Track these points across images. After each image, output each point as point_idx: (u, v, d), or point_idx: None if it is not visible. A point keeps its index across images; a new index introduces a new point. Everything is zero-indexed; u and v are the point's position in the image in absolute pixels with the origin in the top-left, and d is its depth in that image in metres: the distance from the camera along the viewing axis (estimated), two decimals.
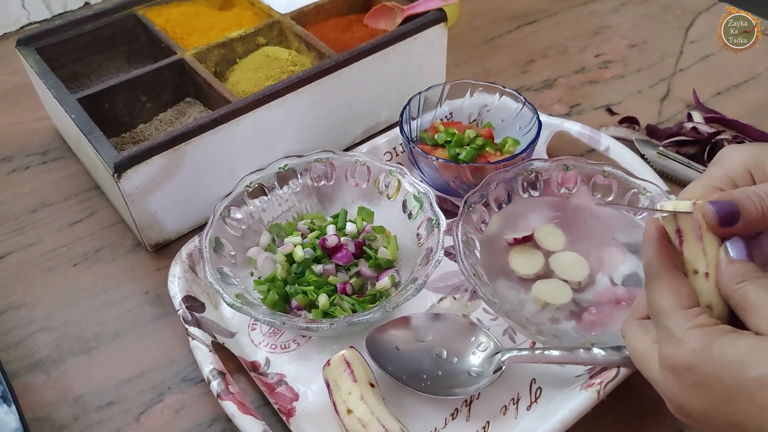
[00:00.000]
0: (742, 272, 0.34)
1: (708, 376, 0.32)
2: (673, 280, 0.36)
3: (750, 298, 0.33)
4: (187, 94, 0.68)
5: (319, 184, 0.59)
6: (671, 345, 0.34)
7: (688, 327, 0.34)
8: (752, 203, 0.34)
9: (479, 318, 0.53)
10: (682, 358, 0.33)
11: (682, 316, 0.34)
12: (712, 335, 0.33)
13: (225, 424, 0.48)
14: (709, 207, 0.35)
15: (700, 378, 0.33)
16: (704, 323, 0.34)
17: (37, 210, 0.65)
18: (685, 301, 0.35)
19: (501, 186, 0.56)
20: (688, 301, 0.35)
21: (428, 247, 0.53)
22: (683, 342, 0.33)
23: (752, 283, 0.33)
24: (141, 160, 0.54)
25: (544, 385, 0.49)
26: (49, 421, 0.49)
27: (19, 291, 0.58)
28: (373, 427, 0.43)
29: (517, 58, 0.83)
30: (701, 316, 0.34)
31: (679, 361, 0.34)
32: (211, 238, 0.53)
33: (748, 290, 0.33)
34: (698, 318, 0.34)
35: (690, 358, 0.33)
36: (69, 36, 0.68)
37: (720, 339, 0.32)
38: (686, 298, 0.35)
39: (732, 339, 0.32)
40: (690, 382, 0.33)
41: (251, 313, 0.48)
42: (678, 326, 0.34)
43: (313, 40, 0.67)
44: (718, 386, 0.32)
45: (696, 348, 0.33)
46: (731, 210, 0.34)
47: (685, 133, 0.69)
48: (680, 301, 0.35)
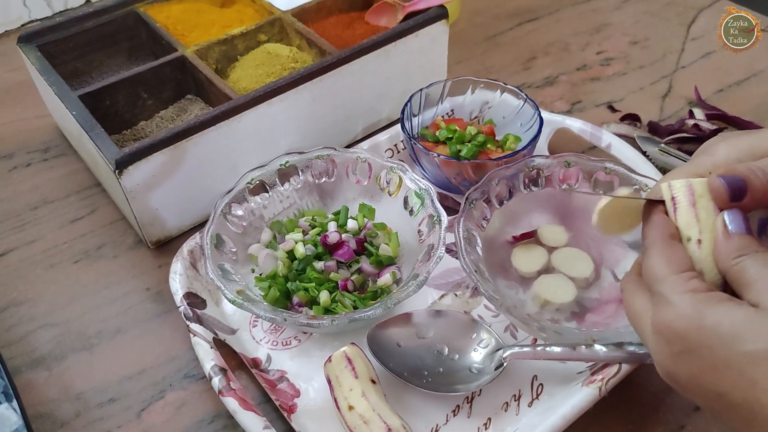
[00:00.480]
0: (739, 246, 0.34)
1: (698, 344, 0.32)
2: (667, 248, 0.35)
3: (747, 272, 0.33)
4: (188, 91, 0.68)
5: (320, 181, 0.59)
6: (663, 309, 0.34)
7: (681, 291, 0.33)
8: (757, 177, 0.34)
9: (481, 315, 0.53)
10: (673, 323, 0.33)
11: (675, 280, 0.34)
12: (704, 302, 0.32)
13: (226, 420, 0.48)
14: (720, 181, 0.35)
15: (690, 345, 0.32)
16: (697, 288, 0.33)
17: (38, 207, 0.65)
18: (679, 267, 0.34)
19: (502, 183, 0.56)
20: (682, 267, 0.34)
21: (429, 243, 0.52)
22: (675, 306, 0.33)
23: (750, 258, 0.33)
24: (142, 157, 0.54)
25: (545, 382, 0.49)
26: (51, 417, 0.49)
27: (21, 288, 0.58)
28: (374, 423, 0.43)
29: (519, 55, 0.83)
30: (693, 281, 0.33)
31: (670, 327, 0.33)
32: (213, 235, 0.53)
33: (746, 264, 0.33)
34: (690, 282, 0.33)
35: (681, 324, 0.33)
36: (70, 33, 0.68)
37: (714, 307, 0.32)
38: (680, 264, 0.35)
39: (727, 308, 0.32)
40: (679, 348, 0.33)
41: (252, 310, 0.48)
42: (670, 290, 0.34)
43: (314, 37, 0.67)
44: (707, 355, 0.32)
45: (687, 314, 0.32)
46: (740, 184, 0.34)
47: (687, 130, 0.69)
48: (673, 267, 0.34)
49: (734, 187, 0.34)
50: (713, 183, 0.35)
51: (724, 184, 0.35)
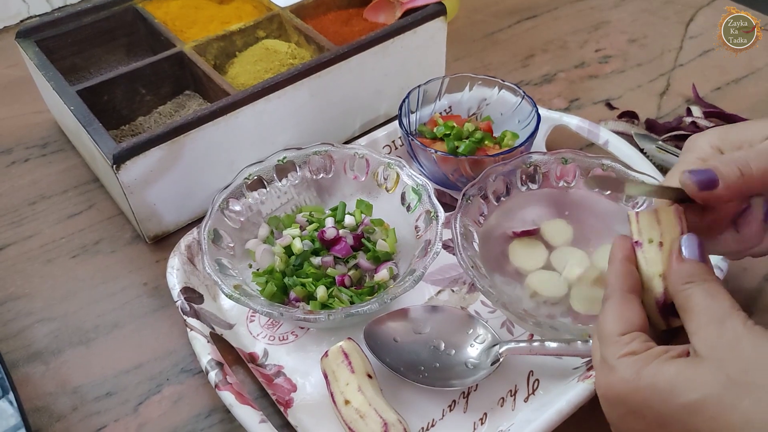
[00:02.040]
0: (690, 273, 0.35)
1: (639, 404, 0.33)
2: (620, 304, 0.36)
3: (692, 301, 0.34)
4: (186, 87, 0.68)
5: (318, 177, 0.59)
6: (605, 373, 0.34)
7: (620, 354, 0.34)
8: (728, 166, 0.36)
9: (477, 310, 0.53)
10: (614, 387, 0.34)
11: (616, 343, 0.34)
12: (641, 362, 0.33)
13: (223, 414, 0.48)
14: (687, 175, 0.36)
15: (632, 406, 0.33)
16: (636, 350, 0.34)
17: (36, 202, 0.65)
18: (624, 326, 0.35)
19: (500, 179, 0.56)
20: (627, 326, 0.35)
21: (426, 239, 0.53)
22: (614, 370, 0.34)
23: (698, 286, 0.34)
24: (140, 152, 0.54)
25: (541, 377, 0.49)
26: (48, 411, 0.49)
27: (18, 282, 0.58)
28: (370, 417, 0.43)
29: (517, 53, 0.83)
30: (634, 342, 0.34)
31: (612, 391, 0.34)
32: (210, 230, 0.53)
33: (693, 293, 0.34)
34: (631, 345, 0.34)
35: (621, 388, 0.33)
36: (68, 28, 0.68)
37: (649, 366, 0.33)
38: (626, 323, 0.35)
39: (660, 365, 0.32)
40: (623, 410, 0.34)
41: (249, 305, 0.48)
42: (611, 354, 0.34)
43: (312, 34, 0.67)
44: (649, 414, 0.32)
45: (626, 377, 0.33)
46: (708, 176, 0.36)
47: (684, 128, 0.69)
48: (619, 326, 0.35)
49: (701, 179, 0.36)
50: (683, 178, 0.36)
51: (692, 178, 0.36)
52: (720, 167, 0.36)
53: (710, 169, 0.36)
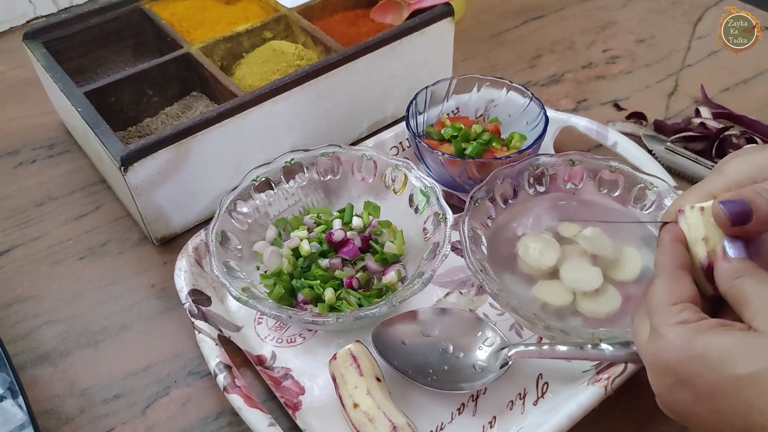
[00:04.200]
0: (738, 268, 0.34)
1: (689, 373, 0.32)
2: (672, 279, 0.35)
3: (746, 291, 0.33)
4: (193, 88, 0.68)
5: (325, 179, 0.59)
6: (655, 341, 0.34)
7: (672, 323, 0.33)
8: (763, 200, 0.34)
9: (486, 313, 0.53)
10: (663, 355, 0.33)
11: (668, 312, 0.34)
12: (693, 331, 0.32)
13: (231, 417, 0.48)
14: (720, 207, 0.34)
15: (681, 376, 0.32)
16: (687, 319, 0.33)
17: (43, 203, 0.65)
18: (675, 297, 0.34)
19: (507, 181, 0.56)
20: (680, 297, 0.34)
21: (435, 241, 0.52)
22: (665, 338, 0.33)
23: (749, 278, 0.33)
24: (147, 154, 0.54)
25: (550, 381, 0.48)
26: (56, 413, 0.49)
27: (26, 284, 0.58)
28: (379, 421, 0.43)
29: (524, 53, 0.83)
30: (685, 312, 0.33)
31: (660, 359, 0.33)
32: (218, 232, 0.53)
33: (745, 284, 0.33)
34: (682, 314, 0.33)
35: (671, 356, 0.33)
36: (75, 30, 0.68)
37: (702, 335, 0.32)
38: (679, 295, 0.34)
39: (715, 335, 0.32)
40: (672, 380, 0.33)
41: (257, 307, 0.48)
42: (662, 322, 0.34)
43: (319, 35, 0.67)
44: (700, 384, 0.32)
45: (677, 345, 0.33)
46: (743, 209, 0.34)
47: (693, 129, 0.69)
48: (670, 298, 0.34)
49: (735, 212, 0.34)
50: (715, 209, 0.35)
51: (724, 210, 0.34)
52: (757, 200, 0.34)
53: (744, 200, 0.34)
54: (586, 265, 0.51)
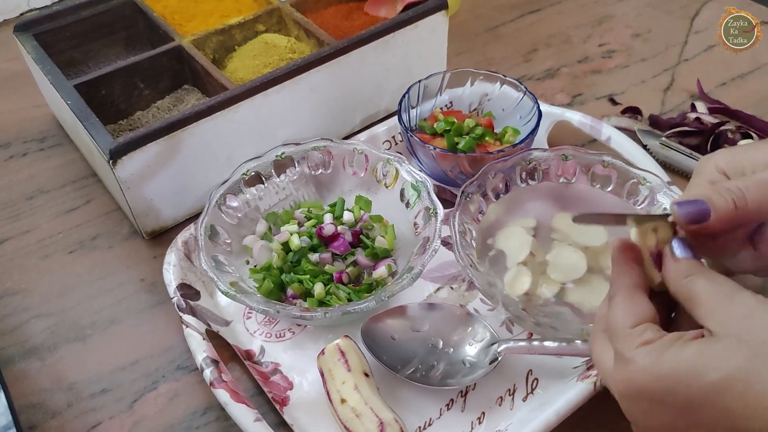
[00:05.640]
0: (687, 268, 0.34)
1: (662, 393, 0.32)
2: (628, 299, 0.35)
3: (696, 289, 0.33)
4: (185, 82, 0.68)
5: (316, 173, 0.59)
6: (621, 366, 0.33)
7: (635, 344, 0.33)
8: (721, 198, 0.34)
9: (476, 308, 0.53)
10: (634, 380, 0.32)
11: (629, 335, 0.33)
12: (659, 350, 0.32)
13: (219, 412, 0.48)
14: (675, 208, 0.34)
15: (655, 396, 0.32)
16: (651, 339, 0.33)
17: (34, 197, 0.65)
18: (635, 318, 0.34)
19: (499, 176, 0.55)
20: (638, 318, 0.34)
21: (425, 236, 0.52)
22: (631, 362, 0.33)
23: (699, 277, 0.33)
24: (137, 147, 0.54)
25: (540, 377, 0.48)
26: (43, 407, 0.49)
27: (15, 277, 0.58)
28: (366, 416, 0.43)
29: (520, 47, 0.82)
30: (647, 332, 0.33)
31: (632, 385, 0.33)
32: (207, 226, 0.52)
33: (695, 284, 0.33)
34: (645, 334, 0.33)
35: (641, 379, 0.32)
36: (67, 22, 0.68)
37: (667, 352, 0.32)
38: (636, 316, 0.34)
39: (679, 349, 0.31)
40: (647, 403, 0.33)
41: (246, 302, 0.47)
42: (626, 346, 0.33)
43: (312, 28, 0.67)
44: (675, 402, 0.31)
45: (645, 367, 0.32)
46: (699, 208, 0.34)
47: (689, 124, 0.68)
48: (630, 320, 0.34)
49: (690, 212, 0.34)
50: (672, 210, 0.34)
51: (679, 211, 0.34)
52: (714, 198, 0.34)
53: (702, 200, 0.34)
54: (570, 253, 0.51)
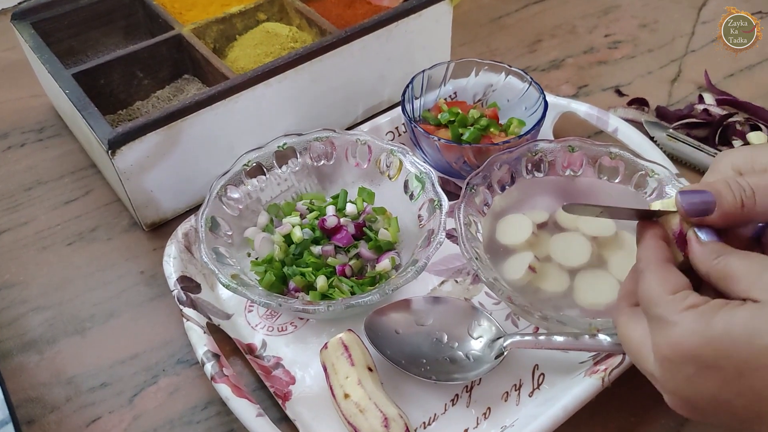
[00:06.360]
0: (715, 249, 0.33)
1: (714, 356, 0.30)
2: (661, 270, 0.34)
3: (731, 266, 0.32)
4: (185, 71, 0.67)
5: (318, 164, 0.58)
6: (666, 331, 0.32)
7: (680, 308, 0.32)
8: (729, 192, 0.33)
9: (481, 302, 0.52)
10: (681, 343, 0.31)
11: (672, 300, 0.32)
12: (708, 313, 0.31)
13: (220, 406, 0.47)
14: (678, 197, 0.34)
15: (706, 360, 0.31)
16: (695, 303, 0.32)
17: (32, 188, 0.64)
18: (675, 287, 0.33)
19: (504, 167, 0.54)
20: (678, 287, 0.33)
21: (430, 228, 0.51)
22: (679, 325, 0.31)
23: (731, 255, 0.32)
24: (136, 137, 0.53)
25: (546, 372, 0.47)
26: (41, 401, 0.48)
27: (13, 270, 0.57)
28: (370, 412, 0.42)
29: (524, 38, 0.81)
30: (691, 297, 0.32)
31: (678, 348, 0.31)
32: (207, 218, 0.51)
33: (729, 260, 0.32)
34: (689, 299, 0.32)
35: (690, 342, 0.31)
36: (65, 10, 0.67)
37: (718, 314, 0.31)
38: (675, 284, 0.33)
39: (729, 312, 0.30)
40: (694, 369, 0.31)
41: (247, 295, 0.47)
42: (670, 310, 0.32)
43: (314, 17, 0.66)
44: (727, 365, 0.30)
45: (694, 329, 0.31)
46: (703, 200, 0.33)
47: (696, 116, 0.67)
48: (668, 287, 0.33)
49: (692, 203, 0.33)
50: (675, 199, 0.34)
51: (681, 201, 0.33)
52: (723, 192, 0.33)
53: (709, 192, 0.33)
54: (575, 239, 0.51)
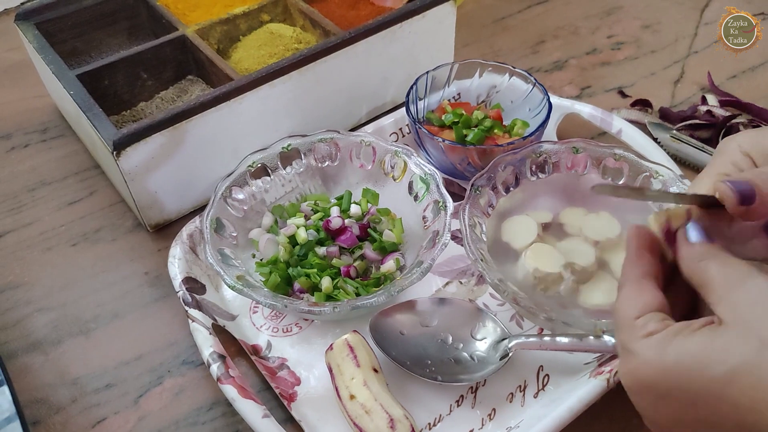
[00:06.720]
0: (701, 252, 0.33)
1: (668, 387, 0.31)
2: (633, 290, 0.34)
3: (708, 273, 0.32)
4: (189, 72, 0.67)
5: (323, 165, 0.58)
6: (625, 359, 0.32)
7: (638, 336, 0.32)
8: (765, 183, 0.33)
9: (486, 303, 0.52)
10: (638, 373, 0.32)
11: (633, 326, 0.32)
12: (662, 342, 0.31)
13: (225, 408, 0.47)
14: (727, 186, 0.33)
15: (660, 390, 0.31)
16: (654, 330, 0.32)
17: (36, 189, 0.64)
18: (639, 309, 0.33)
19: (509, 169, 0.55)
20: (642, 308, 0.33)
21: (434, 230, 0.51)
22: (635, 355, 0.32)
23: (711, 261, 0.32)
24: (140, 138, 0.53)
25: (551, 373, 0.47)
26: (46, 402, 0.48)
27: (17, 271, 0.57)
28: (375, 413, 0.42)
29: (527, 39, 0.81)
30: (650, 323, 0.32)
31: (636, 378, 0.32)
32: (212, 219, 0.51)
33: (707, 267, 0.32)
34: (648, 326, 0.32)
35: (645, 372, 0.31)
36: (68, 11, 0.67)
37: (671, 343, 0.31)
38: (641, 306, 0.33)
39: (683, 340, 0.30)
40: (653, 397, 0.32)
41: (252, 296, 0.47)
42: (629, 338, 0.32)
43: (318, 18, 0.66)
44: (681, 395, 0.30)
45: (648, 359, 0.31)
46: (748, 188, 0.33)
47: (699, 117, 0.67)
48: (634, 311, 0.33)
49: (743, 190, 0.33)
50: (720, 188, 0.33)
51: (732, 188, 0.33)
52: (756, 180, 0.33)
53: (747, 182, 0.33)
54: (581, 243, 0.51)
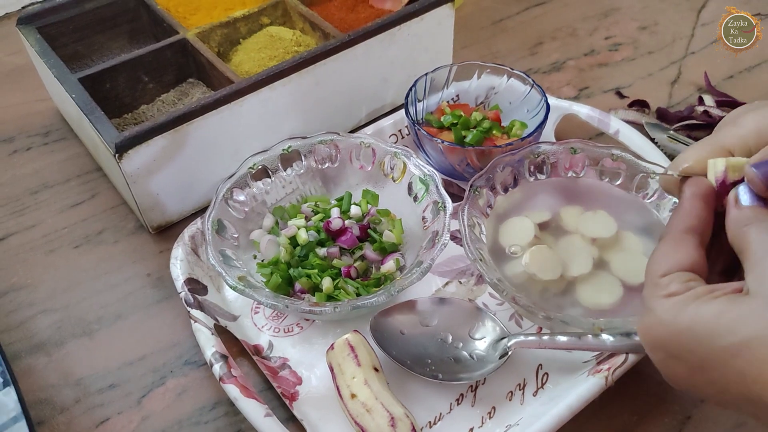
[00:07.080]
0: (747, 216, 0.33)
1: (678, 349, 0.31)
2: (668, 246, 0.34)
3: (748, 239, 0.32)
4: (189, 75, 0.67)
5: (323, 167, 0.59)
6: (645, 316, 0.33)
7: (659, 296, 0.32)
8: None
9: (485, 303, 0.52)
10: (652, 330, 0.32)
11: (656, 284, 0.33)
12: (680, 305, 0.31)
13: (227, 407, 0.48)
14: (753, 171, 0.33)
15: (672, 351, 0.32)
16: (675, 291, 0.32)
17: (38, 191, 0.65)
18: (667, 267, 0.33)
19: (507, 169, 0.55)
20: (671, 267, 0.33)
21: (434, 230, 0.52)
22: (652, 312, 0.32)
23: (755, 226, 0.32)
24: (142, 141, 0.54)
25: (550, 371, 0.48)
26: (50, 403, 0.48)
27: (21, 273, 0.57)
28: (376, 411, 0.43)
29: (525, 40, 0.81)
30: (673, 284, 0.32)
31: (650, 334, 0.32)
32: (214, 220, 0.52)
33: (749, 233, 0.32)
34: (670, 286, 0.32)
35: (659, 331, 0.32)
36: (70, 15, 0.67)
37: (688, 307, 0.31)
38: (670, 264, 0.33)
39: (700, 305, 0.31)
40: (664, 354, 0.32)
41: (254, 296, 0.47)
42: (650, 295, 0.33)
43: (317, 20, 0.66)
44: (690, 358, 0.31)
45: (663, 320, 0.31)
46: None
47: (696, 117, 0.68)
48: (662, 267, 0.33)
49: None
50: (749, 174, 0.33)
51: (758, 174, 0.32)
52: None
53: None
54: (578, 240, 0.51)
